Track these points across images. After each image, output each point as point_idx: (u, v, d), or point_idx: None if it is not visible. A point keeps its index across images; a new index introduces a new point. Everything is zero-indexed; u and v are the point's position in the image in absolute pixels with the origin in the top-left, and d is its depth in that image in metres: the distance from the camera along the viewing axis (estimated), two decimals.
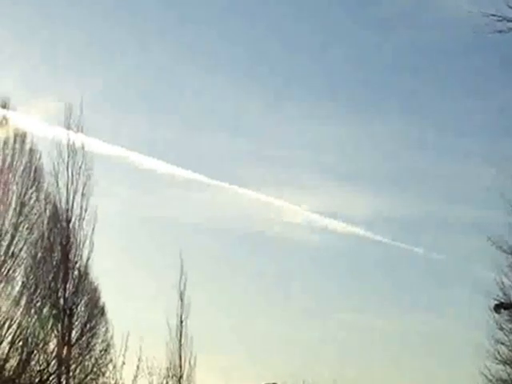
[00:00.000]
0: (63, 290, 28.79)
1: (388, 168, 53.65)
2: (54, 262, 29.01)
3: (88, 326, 29.64)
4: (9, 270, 27.84)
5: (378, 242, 47.27)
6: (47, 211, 29.41)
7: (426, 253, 47.70)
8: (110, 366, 29.91)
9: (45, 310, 28.54)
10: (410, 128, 52.58)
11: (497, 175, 26.42)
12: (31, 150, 29.06)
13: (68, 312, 28.77)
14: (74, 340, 29.07)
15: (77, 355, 29.29)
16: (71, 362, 28.92)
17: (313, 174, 51.98)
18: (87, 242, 29.45)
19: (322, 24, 52.09)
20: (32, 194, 28.83)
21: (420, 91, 52.97)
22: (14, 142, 28.72)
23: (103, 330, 30.26)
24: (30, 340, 27.97)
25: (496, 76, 47.84)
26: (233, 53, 52.62)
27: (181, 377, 31.33)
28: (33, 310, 28.22)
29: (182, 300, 31.73)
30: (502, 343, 30.65)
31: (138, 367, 30.02)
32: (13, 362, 27.98)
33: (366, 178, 53.20)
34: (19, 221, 28.19)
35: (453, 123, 53.51)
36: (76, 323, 29.29)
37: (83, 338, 29.47)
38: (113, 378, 29.90)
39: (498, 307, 28.40)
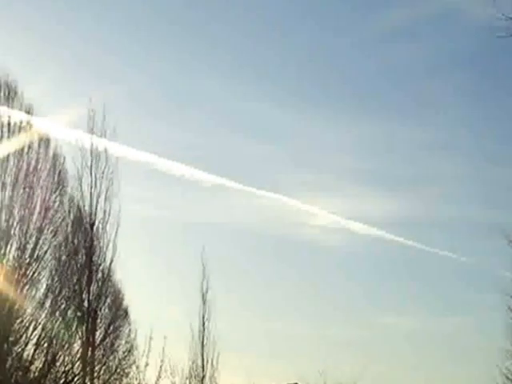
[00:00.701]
0: (87, 293, 29.09)
1: (410, 170, 53.77)
2: (78, 265, 29.32)
3: (112, 327, 30.03)
4: (34, 273, 28.19)
5: (402, 244, 47.45)
6: (71, 215, 29.74)
7: (446, 254, 47.83)
8: (134, 367, 30.31)
9: (69, 312, 28.87)
10: (428, 129, 52.65)
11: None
12: (55, 155, 29.37)
13: (92, 314, 29.07)
14: (98, 341, 29.43)
15: (101, 356, 29.64)
16: (95, 363, 29.26)
17: (336, 177, 52.20)
18: (110, 244, 29.79)
19: (335, 23, 52.28)
20: (56, 197, 29.16)
21: (436, 94, 52.99)
22: (39, 146, 28.99)
23: (127, 331, 30.71)
24: (54, 342, 28.33)
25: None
26: (261, 58, 52.79)
27: (203, 377, 31.61)
28: (57, 312, 28.57)
29: (204, 301, 31.99)
30: None
31: (160, 368, 30.39)
32: (38, 364, 28.38)
33: (390, 180, 53.34)
34: (44, 224, 28.50)
35: (468, 125, 53.64)
36: (100, 325, 29.62)
37: (107, 340, 29.86)
38: (136, 379, 30.27)
39: None
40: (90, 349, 28.99)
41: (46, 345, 28.29)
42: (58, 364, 28.67)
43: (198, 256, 32.69)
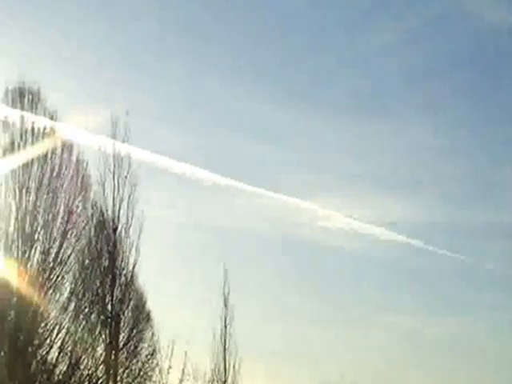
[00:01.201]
0: (110, 297, 29.31)
1: (410, 170, 53.76)
2: (102, 269, 29.55)
3: (135, 331, 30.21)
4: (57, 277, 28.54)
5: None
6: (94, 219, 30.01)
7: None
8: (157, 370, 30.42)
9: (92, 316, 29.17)
10: (428, 130, 52.72)
11: None
12: (78, 160, 29.72)
13: (115, 317, 29.29)
14: (121, 345, 29.63)
15: (124, 360, 29.86)
16: (119, 366, 29.46)
17: (336, 177, 52.14)
18: (133, 249, 29.97)
19: (335, 24, 52.34)
20: (79, 202, 29.50)
21: (436, 94, 53.05)
22: (62, 152, 29.38)
23: (149, 334, 30.84)
24: (78, 345, 28.60)
25: None
26: (261, 58, 52.90)
27: (225, 381, 31.67)
28: (81, 316, 28.89)
29: (226, 304, 32.04)
30: None
31: (183, 371, 30.46)
32: (62, 367, 28.69)
33: (390, 180, 53.33)
34: (67, 229, 28.86)
35: (468, 125, 53.87)
36: (123, 328, 29.83)
37: (130, 343, 30.06)
38: (159, 382, 30.42)
39: None
40: (114, 352, 29.20)
41: (69, 348, 28.58)
42: (81, 367, 28.92)
43: (219, 259, 32.77)
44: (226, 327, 31.83)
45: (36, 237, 28.16)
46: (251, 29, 52.08)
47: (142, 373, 30.31)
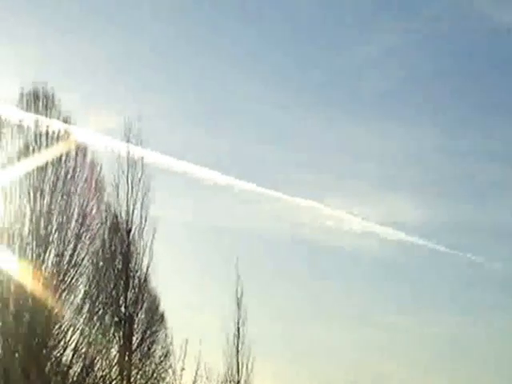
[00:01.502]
0: (124, 298, 29.54)
1: (410, 170, 53.74)
2: (115, 271, 29.77)
3: (148, 332, 30.33)
4: (72, 279, 28.65)
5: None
6: (108, 221, 30.21)
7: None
8: (170, 372, 30.56)
9: (106, 318, 29.31)
10: (427, 130, 52.76)
11: None
12: (92, 163, 29.86)
13: (129, 319, 29.52)
14: (134, 346, 29.80)
15: (137, 361, 30.01)
16: (132, 367, 29.66)
17: (347, 179, 52.17)
18: (147, 251, 30.25)
19: (335, 25, 52.45)
20: (93, 205, 29.62)
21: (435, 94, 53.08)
22: (76, 155, 29.51)
23: (163, 336, 30.91)
24: (92, 347, 28.74)
25: None
26: (261, 58, 53.02)
27: (238, 382, 31.82)
28: (95, 318, 28.97)
29: (238, 306, 32.19)
30: None
31: (196, 373, 30.64)
32: (76, 368, 28.74)
33: (390, 180, 53.31)
34: (81, 231, 28.99)
35: (468, 125, 54.01)
36: (136, 330, 30.02)
37: (144, 345, 30.16)
38: None
39: None
40: (127, 354, 29.40)
41: (83, 350, 28.63)
42: (95, 369, 29.02)
43: (231, 261, 32.90)
44: (238, 328, 31.99)
45: (50, 239, 28.31)
46: (251, 29, 52.14)
47: (155, 374, 30.42)
